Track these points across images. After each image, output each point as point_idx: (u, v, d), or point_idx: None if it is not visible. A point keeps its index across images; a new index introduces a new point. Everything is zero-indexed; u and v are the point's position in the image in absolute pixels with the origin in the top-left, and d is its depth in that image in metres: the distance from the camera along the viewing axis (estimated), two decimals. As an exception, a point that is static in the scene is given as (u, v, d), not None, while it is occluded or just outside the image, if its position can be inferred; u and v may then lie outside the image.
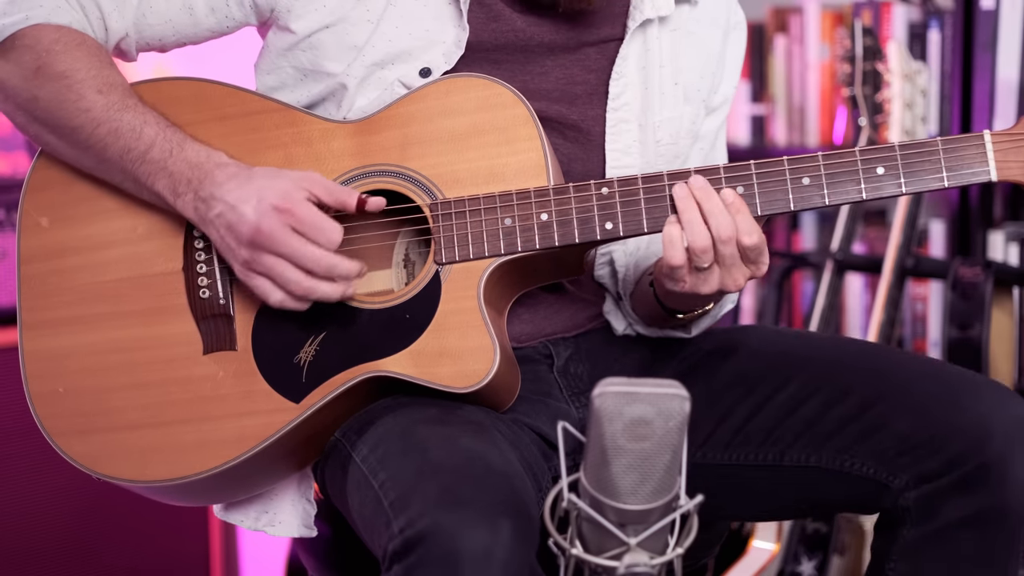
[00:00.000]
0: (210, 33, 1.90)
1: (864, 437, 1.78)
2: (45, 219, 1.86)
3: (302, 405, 1.76)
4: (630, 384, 1.46)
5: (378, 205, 1.76)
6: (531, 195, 1.77)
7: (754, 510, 2.00)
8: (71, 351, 1.83)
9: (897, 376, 1.80)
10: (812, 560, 2.84)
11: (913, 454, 1.74)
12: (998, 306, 2.86)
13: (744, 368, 1.88)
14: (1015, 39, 3.10)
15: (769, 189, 1.76)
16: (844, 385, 1.81)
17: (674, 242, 1.72)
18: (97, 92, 1.79)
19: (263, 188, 1.72)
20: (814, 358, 1.86)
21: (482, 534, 1.52)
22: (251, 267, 1.74)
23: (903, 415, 1.76)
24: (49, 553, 3.04)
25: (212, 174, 1.76)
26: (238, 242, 1.73)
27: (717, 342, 1.94)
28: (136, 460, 1.80)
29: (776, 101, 3.69)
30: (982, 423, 1.71)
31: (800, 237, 3.68)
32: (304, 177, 1.74)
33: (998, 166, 1.75)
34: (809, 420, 1.81)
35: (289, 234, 1.72)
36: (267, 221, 1.71)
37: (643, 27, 1.89)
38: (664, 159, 1.91)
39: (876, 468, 1.77)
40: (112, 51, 1.88)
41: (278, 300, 1.75)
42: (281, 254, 1.72)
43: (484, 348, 1.73)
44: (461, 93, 1.80)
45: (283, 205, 1.71)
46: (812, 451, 1.81)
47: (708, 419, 1.86)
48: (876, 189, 1.75)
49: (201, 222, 1.77)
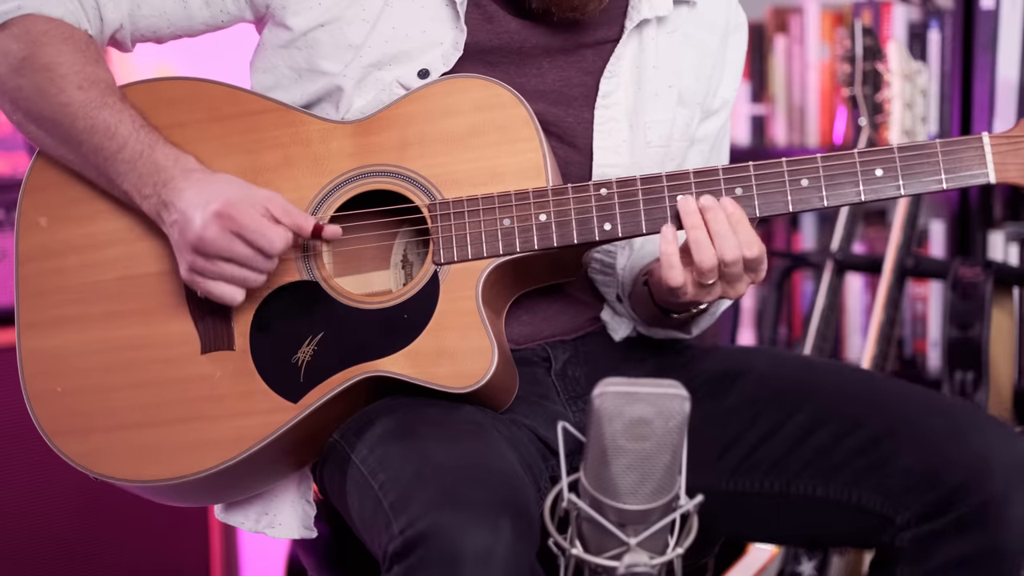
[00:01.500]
0: (205, 26, 1.90)
1: (872, 471, 1.77)
2: (44, 219, 1.87)
3: (300, 405, 1.76)
4: (630, 384, 1.46)
5: (334, 234, 1.76)
6: (530, 196, 1.77)
7: (757, 535, 2.00)
8: (69, 350, 1.83)
9: (906, 411, 1.80)
10: (812, 560, 2.84)
11: (916, 488, 1.74)
12: (998, 306, 2.86)
13: (751, 394, 1.88)
14: (1015, 39, 3.10)
15: (768, 191, 1.75)
16: (853, 417, 1.80)
17: (672, 264, 1.72)
18: (77, 88, 1.79)
19: (213, 196, 1.73)
20: (822, 387, 1.86)
21: (482, 534, 1.52)
22: (198, 271, 1.74)
23: (910, 451, 1.76)
24: (49, 554, 3.04)
25: (175, 179, 1.77)
26: (186, 247, 1.74)
27: (723, 365, 1.93)
28: (133, 460, 1.80)
29: (776, 101, 3.69)
30: (984, 459, 1.71)
31: (800, 237, 3.68)
32: (266, 197, 1.75)
33: (996, 168, 1.75)
34: (819, 451, 1.81)
35: (231, 239, 1.72)
36: (211, 228, 1.72)
37: (639, 28, 1.89)
38: (653, 161, 1.91)
39: (882, 502, 1.76)
40: (108, 42, 1.89)
41: (241, 298, 1.76)
42: (225, 258, 1.73)
43: (482, 348, 1.73)
44: (460, 94, 1.80)
45: (225, 211, 1.72)
46: (820, 482, 1.80)
47: (714, 445, 1.85)
48: (875, 191, 1.75)
49: (161, 225, 1.78)
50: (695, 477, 1.80)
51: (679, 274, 1.72)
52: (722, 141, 2.02)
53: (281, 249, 1.73)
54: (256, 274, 1.75)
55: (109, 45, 1.90)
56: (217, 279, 1.74)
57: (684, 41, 1.92)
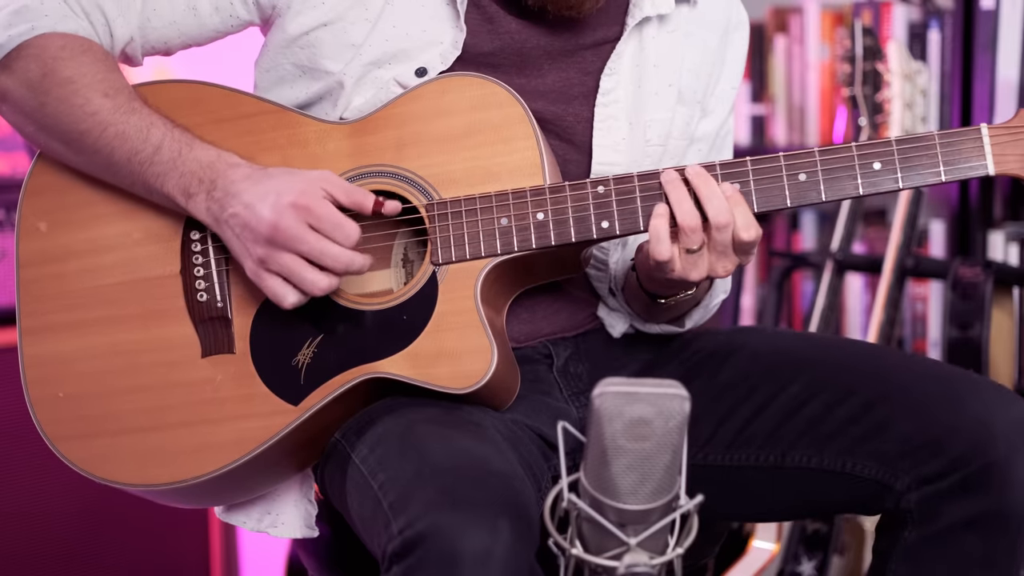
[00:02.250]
0: (215, 33, 1.89)
1: (867, 438, 1.78)
2: (43, 223, 1.86)
3: (301, 407, 1.76)
4: (630, 384, 1.46)
5: (394, 209, 1.76)
6: (527, 195, 1.77)
7: (755, 511, 2.00)
8: (70, 355, 1.83)
9: (899, 377, 1.80)
10: (812, 560, 2.84)
11: (915, 455, 1.74)
12: (998, 306, 2.86)
13: (745, 369, 1.88)
14: (1015, 39, 3.10)
15: (765, 185, 1.75)
16: (846, 386, 1.81)
17: (660, 237, 1.71)
18: (103, 96, 1.79)
19: (280, 186, 1.72)
20: (815, 359, 1.86)
21: (482, 535, 1.52)
22: (266, 266, 1.73)
23: (906, 417, 1.76)
24: (49, 554, 3.04)
25: (226, 174, 1.75)
26: (255, 240, 1.72)
27: (718, 343, 1.94)
28: (136, 464, 1.80)
29: (776, 101, 3.69)
30: (984, 425, 1.71)
31: (800, 237, 3.67)
32: (321, 177, 1.74)
33: (995, 160, 1.74)
34: (811, 421, 1.81)
35: (308, 231, 1.71)
36: (286, 219, 1.70)
37: (640, 26, 1.89)
38: (651, 159, 1.91)
39: (878, 469, 1.77)
40: (118, 57, 1.88)
41: (294, 302, 1.74)
42: (299, 252, 1.71)
43: (482, 349, 1.73)
44: (457, 92, 1.80)
45: (301, 202, 1.71)
46: (814, 452, 1.81)
47: (709, 420, 1.86)
48: (873, 184, 1.75)
49: (215, 222, 1.76)
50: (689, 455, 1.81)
51: (666, 248, 1.71)
52: (724, 141, 2.02)
53: (355, 242, 1.71)
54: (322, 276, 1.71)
55: (120, 61, 1.89)
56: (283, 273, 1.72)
57: (684, 40, 1.92)
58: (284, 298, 1.73)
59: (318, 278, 1.72)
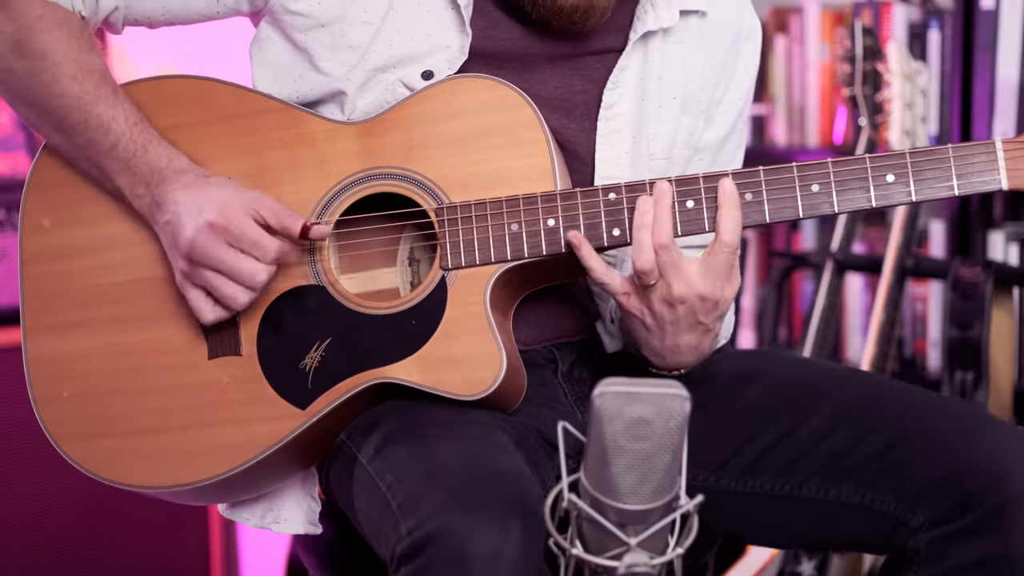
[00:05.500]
0: (199, 16, 1.88)
1: (886, 474, 1.76)
2: (47, 220, 1.86)
3: (308, 411, 1.76)
4: (630, 384, 1.46)
5: (322, 234, 1.76)
6: (538, 200, 1.76)
7: (765, 538, 1.98)
8: (75, 355, 1.82)
9: (917, 414, 1.79)
10: (812, 560, 2.84)
11: (934, 493, 1.73)
12: (998, 306, 2.86)
13: (764, 398, 1.86)
14: (1015, 39, 3.10)
15: (778, 196, 1.74)
16: (867, 422, 1.79)
17: (644, 248, 1.71)
18: (72, 79, 1.79)
19: (205, 203, 1.73)
20: (836, 392, 1.84)
21: (492, 535, 1.52)
22: (190, 279, 1.75)
23: (925, 454, 1.74)
24: (49, 554, 3.04)
25: (168, 180, 1.77)
26: (179, 254, 1.75)
27: (735, 367, 1.91)
28: (142, 466, 1.80)
29: (776, 101, 3.69)
30: (999, 462, 1.70)
31: (800, 237, 3.68)
32: (253, 199, 1.75)
33: (1009, 174, 1.73)
34: (833, 455, 1.79)
35: (224, 249, 1.72)
36: (202, 236, 1.72)
37: (645, 39, 1.87)
38: (655, 172, 1.88)
39: (896, 505, 1.75)
40: (100, 24, 1.88)
41: (212, 318, 1.76)
42: (216, 269, 1.73)
43: (491, 355, 1.72)
44: (467, 94, 1.78)
45: (219, 221, 1.72)
46: (832, 484, 1.79)
47: (725, 445, 1.84)
48: (885, 197, 1.73)
49: (153, 224, 1.79)
50: (702, 478, 1.80)
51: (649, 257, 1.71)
52: (734, 155, 1.99)
53: (274, 258, 1.73)
54: (241, 291, 1.74)
55: (102, 28, 1.89)
56: (201, 289, 1.75)
57: (691, 51, 1.90)
58: (202, 313, 1.76)
59: (236, 293, 1.74)
